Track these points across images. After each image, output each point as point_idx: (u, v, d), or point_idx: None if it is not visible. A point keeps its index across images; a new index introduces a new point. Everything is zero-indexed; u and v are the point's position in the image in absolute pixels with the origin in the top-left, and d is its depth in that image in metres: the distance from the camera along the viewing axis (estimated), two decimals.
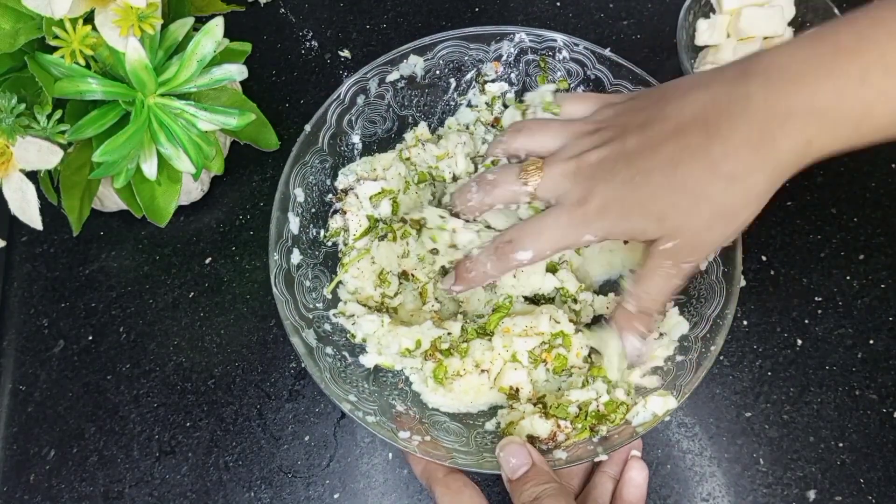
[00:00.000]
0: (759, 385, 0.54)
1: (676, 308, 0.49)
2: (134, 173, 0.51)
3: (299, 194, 0.51)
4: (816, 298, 0.56)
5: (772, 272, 0.57)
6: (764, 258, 0.57)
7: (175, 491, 0.52)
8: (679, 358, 0.47)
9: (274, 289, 0.47)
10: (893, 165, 0.60)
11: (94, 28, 0.44)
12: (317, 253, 0.52)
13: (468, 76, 0.57)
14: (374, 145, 0.56)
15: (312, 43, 0.67)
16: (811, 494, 0.51)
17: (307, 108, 0.64)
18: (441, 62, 0.55)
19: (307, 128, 0.52)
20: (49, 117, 0.46)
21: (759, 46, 0.60)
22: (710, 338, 0.46)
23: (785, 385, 0.54)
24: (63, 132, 0.46)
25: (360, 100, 0.54)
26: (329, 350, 0.48)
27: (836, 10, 0.60)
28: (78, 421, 0.54)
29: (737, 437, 0.52)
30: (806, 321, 0.56)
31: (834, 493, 0.51)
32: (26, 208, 0.47)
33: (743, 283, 0.47)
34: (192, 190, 0.59)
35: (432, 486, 0.44)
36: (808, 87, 0.37)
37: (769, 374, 0.54)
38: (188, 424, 0.54)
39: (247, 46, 0.54)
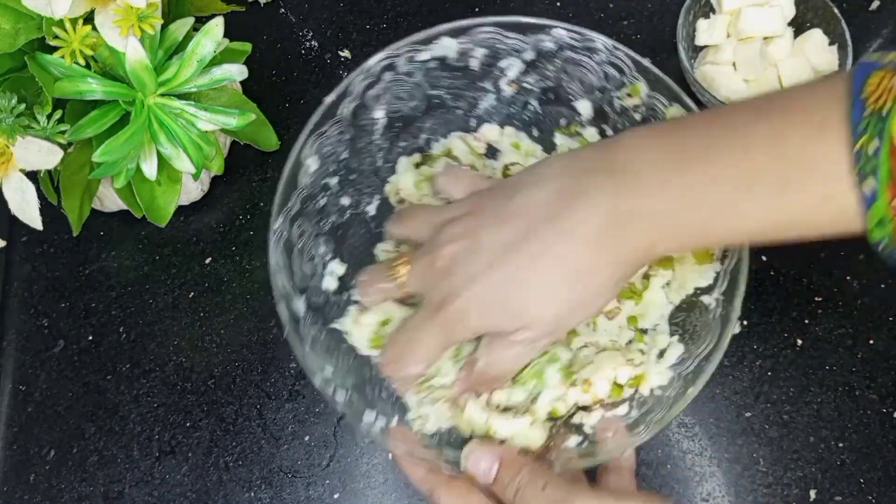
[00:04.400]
0: (759, 385, 0.54)
1: (676, 337, 0.47)
2: (134, 173, 0.51)
3: (312, 163, 0.50)
4: (816, 298, 0.56)
5: (772, 272, 0.57)
6: (764, 258, 0.57)
7: (175, 491, 0.52)
8: (658, 392, 0.45)
9: (270, 254, 0.46)
10: None
11: (94, 28, 0.44)
12: (321, 223, 0.51)
13: (502, 63, 0.54)
14: (399, 122, 0.54)
15: (312, 43, 0.67)
16: (811, 494, 0.51)
17: (307, 108, 0.63)
18: (476, 47, 0.53)
19: (331, 97, 0.50)
20: (49, 117, 0.46)
21: (759, 46, 0.60)
22: (692, 379, 0.44)
23: (785, 385, 0.54)
24: (63, 132, 0.46)
25: (388, 76, 0.52)
26: (314, 322, 0.47)
27: (835, 10, 0.60)
28: (78, 421, 0.54)
29: (737, 437, 0.52)
30: (806, 321, 0.56)
31: (834, 493, 0.51)
32: (26, 208, 0.47)
33: (737, 329, 0.45)
34: (192, 190, 0.59)
35: (434, 492, 0.42)
36: (651, 194, 0.37)
37: (769, 374, 0.54)
38: (188, 424, 0.54)
39: (247, 46, 0.54)
